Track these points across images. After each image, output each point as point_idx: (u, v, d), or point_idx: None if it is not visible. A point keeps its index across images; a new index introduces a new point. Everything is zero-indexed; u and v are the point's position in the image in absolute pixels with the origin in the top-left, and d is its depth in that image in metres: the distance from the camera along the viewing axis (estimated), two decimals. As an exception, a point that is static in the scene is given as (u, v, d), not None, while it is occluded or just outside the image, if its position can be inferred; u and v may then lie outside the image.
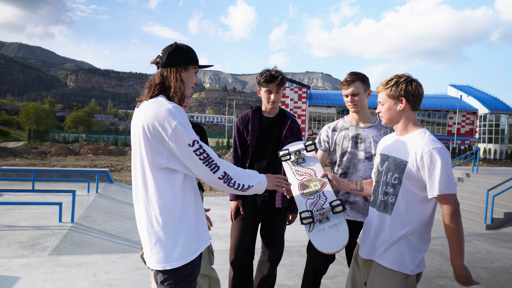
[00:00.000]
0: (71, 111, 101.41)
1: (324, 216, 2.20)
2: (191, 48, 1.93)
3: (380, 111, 2.14)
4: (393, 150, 2.11)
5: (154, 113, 1.72)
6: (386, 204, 2.07)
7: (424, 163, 1.92)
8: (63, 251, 5.39)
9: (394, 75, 2.10)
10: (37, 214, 7.37)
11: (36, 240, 5.69)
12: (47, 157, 27.00)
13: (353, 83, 2.67)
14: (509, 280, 4.28)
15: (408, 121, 2.08)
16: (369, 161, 2.67)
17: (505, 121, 55.20)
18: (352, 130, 2.76)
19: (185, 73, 1.89)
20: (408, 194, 2.00)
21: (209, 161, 1.74)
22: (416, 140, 2.00)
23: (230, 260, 3.00)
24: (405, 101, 2.03)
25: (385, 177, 2.10)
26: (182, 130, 1.69)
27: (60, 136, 46.02)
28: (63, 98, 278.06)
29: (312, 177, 2.38)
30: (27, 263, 4.32)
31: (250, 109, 3.10)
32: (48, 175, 11.84)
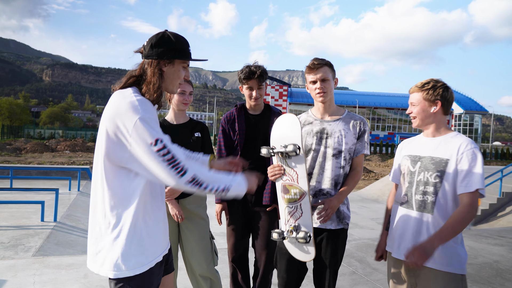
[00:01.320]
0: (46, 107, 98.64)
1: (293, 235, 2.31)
2: (182, 38, 1.70)
3: (412, 111, 2.17)
4: (428, 150, 2.14)
5: (116, 107, 1.54)
6: (425, 203, 2.07)
7: (464, 158, 1.98)
8: (47, 251, 5.23)
9: (430, 79, 2.18)
10: (17, 213, 7.14)
11: (18, 241, 5.51)
12: (22, 154, 26.18)
13: (322, 67, 2.37)
14: (494, 275, 4.42)
15: (441, 124, 2.15)
16: (336, 158, 2.37)
17: (479, 121, 57.12)
18: (317, 124, 2.46)
19: (169, 67, 1.67)
20: (449, 192, 2.02)
21: (174, 163, 1.51)
22: (456, 139, 2.07)
23: (230, 258, 3.03)
24: (440, 105, 2.10)
25: (421, 176, 2.11)
26: (143, 127, 1.49)
27: (35, 132, 44.76)
28: (39, 93, 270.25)
29: (293, 182, 2.30)
30: (12, 265, 4.17)
31: (235, 107, 3.03)
32: (27, 173, 11.50)
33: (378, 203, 11.66)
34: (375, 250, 2.40)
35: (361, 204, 11.56)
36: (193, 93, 2.81)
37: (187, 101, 2.79)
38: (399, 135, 56.76)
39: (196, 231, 2.75)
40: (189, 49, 1.72)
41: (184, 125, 2.83)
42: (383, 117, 59.75)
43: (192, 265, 2.75)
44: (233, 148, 2.95)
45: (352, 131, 2.40)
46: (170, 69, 1.69)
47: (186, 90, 2.76)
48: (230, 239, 3.01)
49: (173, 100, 2.77)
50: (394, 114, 59.31)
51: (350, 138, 2.39)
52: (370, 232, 7.62)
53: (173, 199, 2.67)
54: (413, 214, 2.11)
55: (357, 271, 4.40)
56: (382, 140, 50.32)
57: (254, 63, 2.88)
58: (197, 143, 2.79)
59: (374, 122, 59.14)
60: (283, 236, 2.31)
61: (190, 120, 2.88)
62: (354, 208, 10.55)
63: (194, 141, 2.78)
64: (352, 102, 57.19)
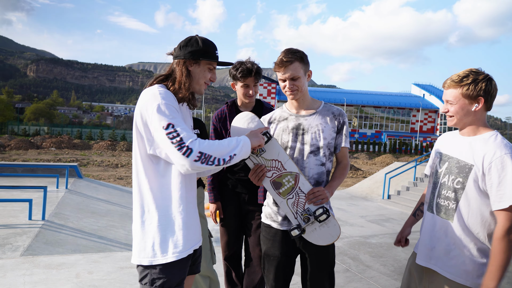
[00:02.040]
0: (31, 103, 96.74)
1: (311, 221, 2.10)
2: (210, 42, 1.82)
3: (448, 110, 1.88)
4: (458, 151, 1.90)
5: (141, 99, 1.69)
6: (447, 210, 1.89)
7: (493, 169, 1.71)
8: (36, 250, 5.13)
9: (468, 70, 1.84)
10: (3, 212, 6.97)
11: (5, 240, 5.38)
12: (6, 151, 25.65)
13: (291, 64, 2.13)
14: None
15: (480, 122, 1.85)
16: (315, 155, 2.18)
17: (464, 119, 58.05)
18: (292, 120, 2.26)
19: (195, 67, 1.80)
20: (472, 201, 1.80)
21: (181, 145, 1.59)
22: (487, 142, 1.79)
23: (223, 256, 3.03)
24: (483, 102, 1.80)
25: (446, 179, 1.91)
26: (160, 111, 1.61)
27: (19, 128, 43.89)
28: (23, 89, 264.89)
29: (281, 171, 2.11)
30: (0, 265, 4.07)
31: (225, 105, 2.99)
32: (12, 170, 11.25)
33: (367, 201, 11.76)
34: (397, 235, 2.30)
35: (350, 201, 11.64)
36: None
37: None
38: (386, 133, 57.38)
39: None
40: (215, 52, 1.82)
41: None
42: (371, 116, 60.28)
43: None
44: None
45: (330, 124, 2.21)
46: (196, 68, 1.80)
47: None
48: (223, 238, 3.00)
49: None
50: (382, 112, 59.88)
51: (329, 132, 2.20)
52: (360, 229, 7.67)
53: None
54: (433, 218, 1.96)
55: (350, 269, 4.42)
56: (369, 138, 50.79)
57: (247, 59, 2.82)
58: None
59: (361, 120, 59.63)
60: (302, 228, 2.09)
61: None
62: (343, 206, 10.61)
63: None
64: (339, 100, 57.52)
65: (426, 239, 1.98)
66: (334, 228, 2.09)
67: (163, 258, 1.68)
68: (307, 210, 2.10)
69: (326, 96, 59.21)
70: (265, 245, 2.31)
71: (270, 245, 2.27)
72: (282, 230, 2.23)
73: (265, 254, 2.32)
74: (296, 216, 2.13)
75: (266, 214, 2.32)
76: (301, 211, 2.12)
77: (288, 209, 2.14)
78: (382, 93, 63.91)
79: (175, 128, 1.60)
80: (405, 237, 2.25)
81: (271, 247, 2.26)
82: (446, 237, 1.88)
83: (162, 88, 1.70)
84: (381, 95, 62.14)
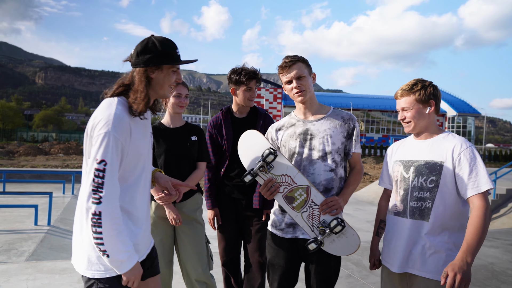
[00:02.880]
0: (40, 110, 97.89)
1: (327, 233, 2.06)
2: (168, 42, 1.69)
3: (405, 117, 2.05)
4: (420, 153, 2.03)
5: (96, 115, 1.61)
6: (421, 210, 1.96)
7: (462, 159, 1.88)
8: (40, 256, 5.18)
9: (414, 80, 2.07)
10: (10, 217, 7.05)
11: (11, 245, 5.44)
12: (15, 157, 25.93)
13: (294, 64, 2.15)
14: (489, 277, 4.43)
15: (433, 124, 2.06)
16: (323, 161, 2.14)
17: (472, 123, 57.55)
18: (300, 125, 2.23)
19: (157, 73, 1.68)
20: (446, 197, 1.93)
21: (98, 189, 1.51)
22: (449, 139, 1.98)
23: (222, 262, 3.03)
24: (434, 104, 2.01)
25: (416, 182, 1.99)
26: (102, 142, 1.54)
27: (28, 135, 44.40)
28: (31, 96, 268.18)
29: (291, 186, 2.11)
30: (4, 270, 4.11)
31: (220, 111, 3.01)
32: (20, 176, 11.38)
33: (374, 206, 11.68)
34: (369, 259, 2.26)
35: (357, 206, 11.57)
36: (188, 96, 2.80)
37: (183, 104, 2.75)
38: (394, 137, 57.02)
39: (193, 235, 2.73)
40: (176, 52, 1.72)
41: (180, 128, 2.80)
42: (377, 120, 60.02)
43: (187, 269, 2.72)
44: (222, 153, 2.93)
45: (339, 129, 2.18)
46: (159, 75, 1.69)
47: (182, 93, 2.73)
48: (220, 243, 3.01)
49: (169, 103, 2.75)
50: (388, 116, 59.59)
51: (338, 137, 2.17)
52: (366, 234, 7.62)
53: (170, 203, 2.64)
54: (407, 223, 2.00)
55: (353, 274, 4.39)
56: (376, 143, 50.53)
57: (244, 65, 2.87)
58: (194, 147, 2.77)
59: (368, 125, 59.38)
60: (320, 241, 2.06)
61: (186, 124, 2.85)
62: (349, 211, 10.56)
63: (191, 144, 2.76)
64: (346, 105, 57.39)
65: (399, 246, 2.01)
66: (352, 238, 2.08)
67: (112, 271, 1.61)
68: (322, 222, 2.08)
69: (332, 101, 59.09)
70: (270, 254, 2.29)
71: (275, 254, 2.26)
72: (287, 239, 2.21)
73: (269, 263, 2.30)
74: (313, 229, 2.10)
75: (271, 222, 2.31)
76: (317, 224, 2.09)
77: (304, 223, 2.12)
78: (389, 97, 63.63)
79: (105, 168, 1.53)
80: (377, 258, 2.24)
81: (276, 256, 2.25)
82: (421, 238, 1.95)
83: (119, 109, 1.61)
84: (387, 99, 61.86)
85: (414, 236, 1.96)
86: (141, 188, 1.76)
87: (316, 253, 2.13)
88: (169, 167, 2.68)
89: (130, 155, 1.65)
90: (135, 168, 1.71)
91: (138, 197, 1.75)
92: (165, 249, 2.73)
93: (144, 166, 1.76)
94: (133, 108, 1.65)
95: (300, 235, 2.17)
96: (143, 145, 1.75)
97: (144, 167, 1.76)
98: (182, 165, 2.71)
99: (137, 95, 1.65)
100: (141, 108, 1.66)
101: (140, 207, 1.77)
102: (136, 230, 1.73)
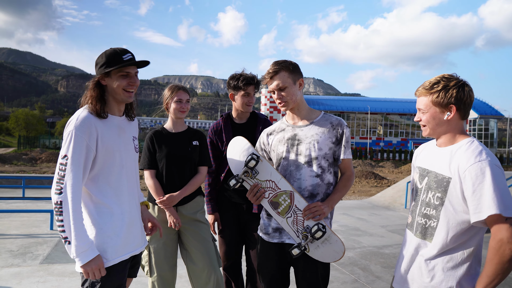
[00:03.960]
0: (62, 117, 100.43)
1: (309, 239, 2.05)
2: (116, 50, 1.88)
3: (420, 119, 1.78)
4: (435, 164, 1.75)
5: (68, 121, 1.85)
6: (425, 229, 1.74)
7: (467, 178, 1.56)
8: (54, 259, 5.30)
9: (440, 76, 1.73)
10: (27, 222, 7.26)
11: (27, 249, 5.60)
12: (37, 164, 26.68)
13: (276, 75, 2.11)
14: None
15: (455, 131, 1.73)
16: (309, 166, 2.12)
17: (494, 125, 56.08)
18: (289, 130, 2.22)
19: (107, 80, 1.89)
20: (451, 219, 1.64)
21: (60, 181, 1.73)
22: (461, 151, 1.65)
23: (223, 266, 3.04)
24: (455, 110, 1.67)
25: (425, 196, 1.76)
26: (67, 138, 1.76)
27: (50, 142, 45.53)
28: (54, 104, 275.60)
29: (276, 191, 2.12)
30: (18, 272, 4.25)
31: (221, 117, 3.05)
32: (39, 182, 11.70)
33: (389, 210, 11.50)
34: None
35: (372, 211, 11.42)
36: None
37: (184, 109, 2.81)
38: (413, 141, 56.10)
39: (198, 233, 2.76)
40: (122, 57, 1.86)
41: (182, 133, 2.86)
42: (396, 123, 59.19)
43: (198, 266, 2.71)
44: (222, 158, 2.97)
45: (327, 135, 2.15)
46: (109, 81, 1.89)
47: (183, 98, 2.79)
48: (221, 248, 3.02)
49: (171, 108, 2.81)
50: (407, 119, 58.71)
51: (325, 143, 2.14)
52: (380, 239, 7.51)
53: (171, 207, 2.69)
54: (412, 239, 1.81)
55: (359, 279, 4.35)
56: (395, 147, 49.80)
57: (243, 71, 2.92)
58: (195, 152, 2.82)
59: (386, 128, 58.61)
60: (303, 247, 2.04)
61: (188, 129, 2.91)
62: (364, 216, 10.43)
63: (192, 149, 2.81)
64: (363, 109, 56.87)
65: (404, 261, 1.84)
66: (336, 244, 2.06)
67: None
68: (306, 227, 2.08)
69: (350, 105, 58.64)
70: (259, 259, 2.31)
71: (263, 259, 2.27)
72: (274, 243, 2.21)
73: (259, 267, 2.31)
74: (298, 234, 2.11)
75: (259, 226, 2.33)
76: (301, 229, 2.09)
77: (289, 228, 2.12)
78: (407, 100, 62.68)
79: (67, 162, 1.73)
80: None
81: (265, 261, 2.26)
82: (421, 261, 1.74)
83: (85, 112, 1.83)
84: (406, 102, 60.95)
85: (414, 255, 1.78)
86: (124, 186, 1.93)
87: (303, 259, 2.12)
88: (170, 171, 2.74)
89: (101, 152, 1.84)
90: (113, 165, 1.89)
91: (123, 194, 1.93)
92: (168, 253, 2.76)
93: (122, 163, 1.93)
94: (89, 110, 1.86)
95: (286, 240, 2.17)
96: (117, 143, 1.92)
97: (122, 164, 1.93)
98: (183, 169, 2.76)
99: (91, 100, 1.87)
100: (94, 110, 1.85)
101: (125, 203, 1.94)
102: (120, 224, 1.89)
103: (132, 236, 1.94)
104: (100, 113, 1.86)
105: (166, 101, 2.83)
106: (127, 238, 1.90)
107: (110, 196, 1.87)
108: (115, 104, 1.95)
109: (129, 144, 2.02)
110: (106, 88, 1.91)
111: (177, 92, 2.78)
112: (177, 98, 2.77)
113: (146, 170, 2.77)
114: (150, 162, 2.77)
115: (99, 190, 1.85)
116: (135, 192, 2.03)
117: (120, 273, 1.88)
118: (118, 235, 1.85)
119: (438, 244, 1.68)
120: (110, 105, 1.94)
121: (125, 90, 1.90)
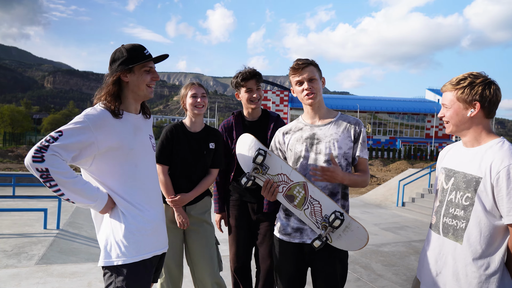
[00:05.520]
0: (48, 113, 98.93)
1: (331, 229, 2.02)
2: (136, 46, 1.84)
3: (444, 115, 1.77)
4: (463, 164, 1.74)
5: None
6: (455, 230, 1.71)
7: (501, 179, 1.56)
8: (50, 259, 5.21)
9: (468, 73, 1.72)
10: (19, 221, 7.13)
11: (21, 249, 5.49)
12: (23, 161, 26.20)
13: (307, 67, 2.17)
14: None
15: (481, 129, 1.71)
16: (329, 165, 2.12)
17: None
18: (307, 130, 2.24)
19: (130, 75, 1.83)
20: (482, 219, 1.63)
21: (41, 150, 1.57)
22: (493, 151, 1.64)
23: (233, 268, 3.00)
24: (479, 107, 1.67)
25: (452, 196, 1.74)
26: (72, 122, 1.69)
27: (37, 139, 44.77)
28: (40, 100, 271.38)
29: (288, 183, 2.12)
30: (15, 274, 4.16)
31: (232, 115, 3.01)
32: (29, 180, 11.49)
33: (381, 208, 11.61)
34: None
35: (364, 209, 11.51)
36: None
37: (200, 104, 2.69)
38: (401, 139, 56.71)
39: (202, 236, 2.74)
40: (144, 52, 1.84)
41: (199, 134, 2.77)
42: (384, 122, 59.70)
43: (198, 270, 2.72)
44: (232, 156, 2.94)
45: (346, 134, 2.18)
46: (132, 77, 1.83)
47: (197, 93, 2.70)
48: (232, 248, 2.97)
49: (187, 105, 2.73)
50: (395, 118, 59.26)
51: (345, 142, 2.16)
52: (374, 237, 7.58)
53: (180, 207, 2.66)
54: (439, 239, 1.79)
55: (362, 278, 4.37)
56: (383, 145, 50.25)
57: (245, 68, 2.87)
58: (209, 156, 2.75)
59: (375, 127, 59.10)
60: (324, 238, 2.01)
61: (206, 128, 2.83)
62: (356, 214, 10.50)
63: (207, 153, 2.74)
64: (353, 107, 57.20)
65: (431, 263, 1.81)
66: (358, 230, 2.04)
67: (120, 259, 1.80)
68: (325, 217, 2.05)
69: (339, 103, 58.95)
70: (276, 259, 2.30)
71: (281, 260, 2.26)
72: (293, 243, 2.20)
73: (276, 268, 2.31)
74: (318, 225, 2.09)
75: (277, 227, 2.31)
76: (320, 219, 2.07)
77: (308, 220, 2.11)
78: (396, 99, 63.28)
79: (54, 136, 1.61)
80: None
81: (283, 262, 2.25)
82: (454, 262, 1.71)
83: (98, 109, 1.77)
84: (394, 101, 61.52)
85: (445, 257, 1.75)
86: (145, 185, 1.88)
87: (322, 259, 2.11)
88: (180, 172, 2.70)
89: (115, 151, 1.77)
90: (125, 163, 1.82)
91: (144, 193, 1.88)
92: (175, 252, 2.74)
93: (136, 162, 1.86)
94: (106, 108, 1.79)
95: (307, 240, 2.16)
96: (132, 142, 1.85)
97: (136, 163, 1.86)
98: (193, 172, 2.71)
99: (108, 97, 1.80)
100: (112, 108, 1.79)
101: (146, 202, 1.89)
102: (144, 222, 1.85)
103: (156, 235, 1.90)
104: (115, 112, 1.79)
105: (182, 99, 2.77)
106: (151, 237, 1.86)
107: (131, 195, 1.82)
108: (133, 101, 1.90)
109: (146, 142, 1.97)
110: (127, 85, 1.85)
111: (191, 87, 2.71)
112: (192, 93, 2.69)
113: (159, 164, 2.65)
114: (165, 157, 2.69)
115: (121, 188, 1.80)
116: (157, 190, 1.99)
117: (145, 276, 1.83)
118: (142, 233, 1.81)
119: (471, 246, 1.65)
120: (128, 103, 1.88)
121: (148, 86, 1.87)
